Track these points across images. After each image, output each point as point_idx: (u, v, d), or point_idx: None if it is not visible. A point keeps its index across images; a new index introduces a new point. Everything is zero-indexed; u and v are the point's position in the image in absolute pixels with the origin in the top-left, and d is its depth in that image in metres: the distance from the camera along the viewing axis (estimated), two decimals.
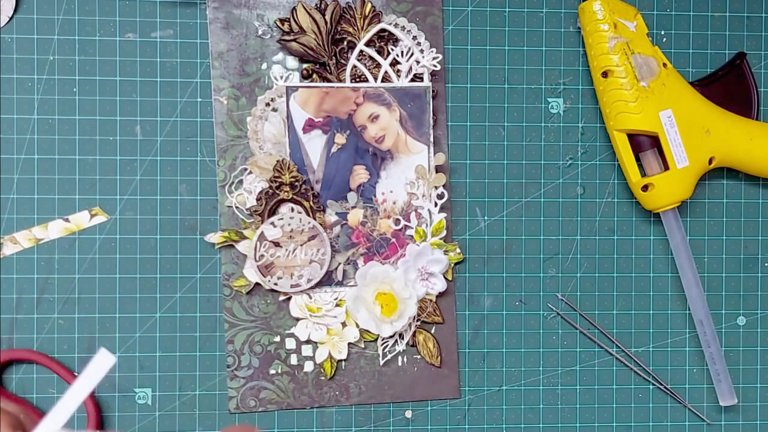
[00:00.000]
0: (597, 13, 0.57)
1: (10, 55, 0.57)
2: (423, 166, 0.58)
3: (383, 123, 0.58)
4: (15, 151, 0.57)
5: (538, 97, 0.61)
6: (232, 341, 0.58)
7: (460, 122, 0.60)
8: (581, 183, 0.61)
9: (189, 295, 0.58)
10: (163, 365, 0.58)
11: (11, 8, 0.56)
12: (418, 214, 0.59)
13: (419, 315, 0.59)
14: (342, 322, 0.58)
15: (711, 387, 0.61)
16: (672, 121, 0.57)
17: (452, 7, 0.60)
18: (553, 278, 0.61)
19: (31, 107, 0.57)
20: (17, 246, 0.57)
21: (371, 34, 0.57)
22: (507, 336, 0.60)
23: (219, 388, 0.58)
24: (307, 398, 0.59)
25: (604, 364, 0.61)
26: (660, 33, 0.62)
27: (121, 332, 0.57)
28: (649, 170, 0.59)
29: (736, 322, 0.62)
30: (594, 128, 0.61)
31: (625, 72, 0.57)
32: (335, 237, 0.58)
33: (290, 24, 0.57)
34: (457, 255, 0.59)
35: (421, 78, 0.58)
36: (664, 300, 0.62)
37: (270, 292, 0.58)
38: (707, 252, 0.62)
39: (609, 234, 0.61)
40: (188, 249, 0.58)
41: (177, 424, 0.58)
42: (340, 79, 0.58)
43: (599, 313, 0.61)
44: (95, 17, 0.57)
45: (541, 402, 0.61)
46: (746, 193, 0.62)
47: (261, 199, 0.57)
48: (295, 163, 0.57)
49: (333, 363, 0.58)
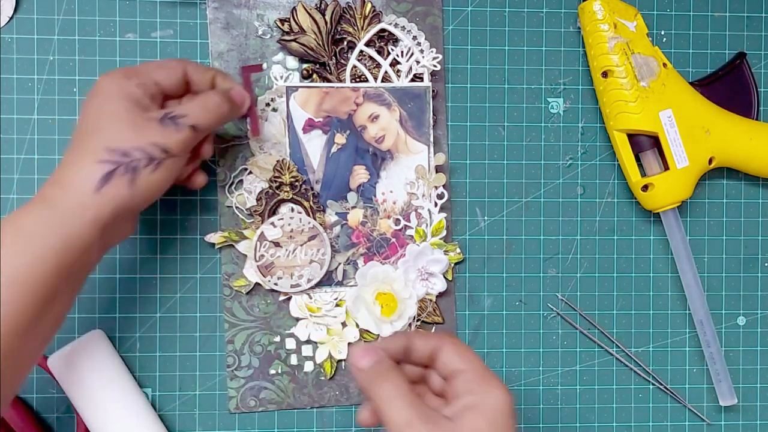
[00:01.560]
0: (597, 13, 0.57)
1: (10, 55, 0.57)
2: (423, 166, 0.58)
3: (383, 123, 0.58)
4: (15, 151, 0.57)
5: (538, 97, 0.61)
6: (232, 341, 0.58)
7: (460, 122, 0.60)
8: (581, 183, 0.61)
9: (189, 295, 0.58)
10: (163, 365, 0.58)
11: (11, 8, 0.56)
12: (418, 214, 0.59)
13: (419, 315, 0.59)
14: (342, 322, 0.58)
15: (711, 387, 0.61)
16: (672, 121, 0.57)
17: (452, 7, 0.60)
18: (553, 278, 0.61)
19: (31, 107, 0.57)
20: None
21: (371, 34, 0.57)
22: (507, 336, 0.60)
23: (219, 388, 0.58)
24: (307, 398, 0.59)
25: (604, 364, 0.61)
26: (660, 33, 0.62)
27: (121, 332, 0.57)
28: (649, 170, 0.59)
29: (736, 322, 0.62)
30: (594, 128, 0.61)
31: (625, 72, 0.57)
32: (335, 237, 0.58)
33: (290, 24, 0.57)
34: (457, 255, 0.59)
35: (421, 78, 0.58)
36: (664, 300, 0.62)
37: (270, 292, 0.58)
38: (707, 252, 0.62)
39: (609, 234, 0.61)
40: (188, 249, 0.58)
41: (177, 424, 0.58)
42: (340, 79, 0.58)
43: (599, 313, 0.61)
44: (95, 17, 0.57)
45: (541, 402, 0.61)
46: (746, 193, 0.62)
47: (261, 199, 0.57)
48: (295, 163, 0.57)
49: (333, 363, 0.58)
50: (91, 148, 0.45)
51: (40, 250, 0.43)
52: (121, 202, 0.45)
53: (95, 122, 0.46)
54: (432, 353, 0.45)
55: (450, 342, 0.45)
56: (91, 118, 0.46)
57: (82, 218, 0.44)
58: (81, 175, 0.44)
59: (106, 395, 0.54)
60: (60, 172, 0.45)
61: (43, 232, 0.43)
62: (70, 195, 0.44)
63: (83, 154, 0.45)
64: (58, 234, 0.43)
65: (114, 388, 0.54)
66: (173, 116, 0.47)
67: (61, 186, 0.44)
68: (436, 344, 0.45)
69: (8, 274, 0.42)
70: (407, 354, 0.46)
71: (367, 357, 0.44)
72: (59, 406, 0.57)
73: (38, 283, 0.43)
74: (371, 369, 0.44)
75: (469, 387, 0.43)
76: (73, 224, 0.44)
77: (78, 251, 0.44)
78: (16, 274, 0.42)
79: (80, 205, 0.44)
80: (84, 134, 0.46)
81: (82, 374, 0.53)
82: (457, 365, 0.44)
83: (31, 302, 0.43)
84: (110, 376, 0.54)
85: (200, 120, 0.49)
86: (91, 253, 0.46)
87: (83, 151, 0.45)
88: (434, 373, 0.47)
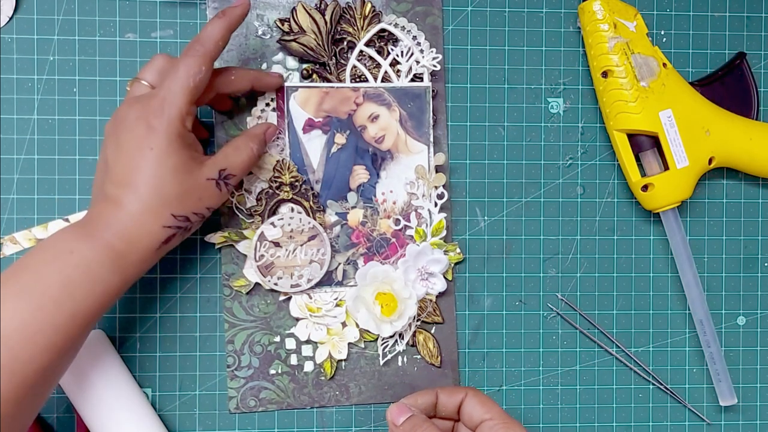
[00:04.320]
0: (597, 13, 0.57)
1: (10, 55, 0.57)
2: (423, 166, 0.58)
3: (383, 123, 0.58)
4: (15, 151, 0.57)
5: (538, 97, 0.61)
6: (232, 341, 0.58)
7: (460, 122, 0.60)
8: (581, 183, 0.61)
9: (189, 295, 0.58)
10: (163, 365, 0.58)
11: (11, 8, 0.56)
12: (418, 214, 0.59)
13: (419, 315, 0.59)
14: (342, 322, 0.58)
15: (711, 387, 0.61)
16: (672, 121, 0.57)
17: (452, 7, 0.60)
18: (553, 278, 0.61)
19: (31, 107, 0.57)
20: (17, 246, 0.57)
21: (371, 34, 0.57)
22: (507, 336, 0.60)
23: (219, 388, 0.58)
24: (307, 398, 0.59)
25: (604, 364, 0.61)
26: (660, 33, 0.62)
27: (121, 332, 0.57)
28: (649, 170, 0.59)
29: (736, 322, 0.62)
30: (594, 128, 0.61)
31: (625, 72, 0.57)
32: (335, 237, 0.58)
33: (290, 24, 0.57)
34: (457, 255, 0.59)
35: (421, 78, 0.58)
36: (664, 300, 0.62)
37: (270, 292, 0.58)
38: (707, 252, 0.62)
39: (609, 234, 0.61)
40: (188, 249, 0.58)
41: (177, 424, 0.58)
42: (340, 79, 0.58)
43: (599, 313, 0.61)
44: (95, 17, 0.57)
45: (541, 402, 0.61)
46: (746, 193, 0.62)
47: (261, 199, 0.57)
48: (295, 163, 0.57)
49: (333, 363, 0.58)
50: (156, 209, 0.48)
51: (102, 291, 0.46)
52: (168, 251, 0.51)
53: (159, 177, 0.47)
54: (457, 406, 0.52)
55: (472, 394, 0.52)
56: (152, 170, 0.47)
57: (139, 268, 0.49)
58: (147, 237, 0.48)
59: (106, 395, 0.54)
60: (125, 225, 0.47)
61: (107, 277, 0.47)
62: (136, 251, 0.48)
63: (149, 215, 0.48)
64: (119, 279, 0.47)
65: (114, 388, 0.54)
66: (226, 177, 0.51)
67: (128, 242, 0.47)
68: (459, 397, 0.52)
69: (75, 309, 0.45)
70: (436, 409, 0.53)
71: (403, 414, 0.50)
72: (59, 406, 0.57)
73: (95, 318, 0.47)
74: (407, 423, 0.50)
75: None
76: (132, 271, 0.48)
77: (125, 290, 0.49)
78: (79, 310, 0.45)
79: (141, 260, 0.48)
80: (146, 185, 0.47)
81: (82, 374, 0.53)
82: (482, 415, 0.50)
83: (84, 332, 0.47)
84: (110, 376, 0.54)
85: (240, 177, 0.53)
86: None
87: (149, 208, 0.48)
88: (462, 426, 0.53)
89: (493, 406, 0.51)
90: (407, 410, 0.51)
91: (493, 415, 0.50)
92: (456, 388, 0.53)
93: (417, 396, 0.53)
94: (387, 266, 0.58)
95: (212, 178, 0.50)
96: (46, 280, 0.44)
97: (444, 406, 0.53)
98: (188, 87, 0.48)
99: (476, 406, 0.51)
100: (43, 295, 0.44)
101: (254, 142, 0.53)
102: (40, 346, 0.44)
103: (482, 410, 0.51)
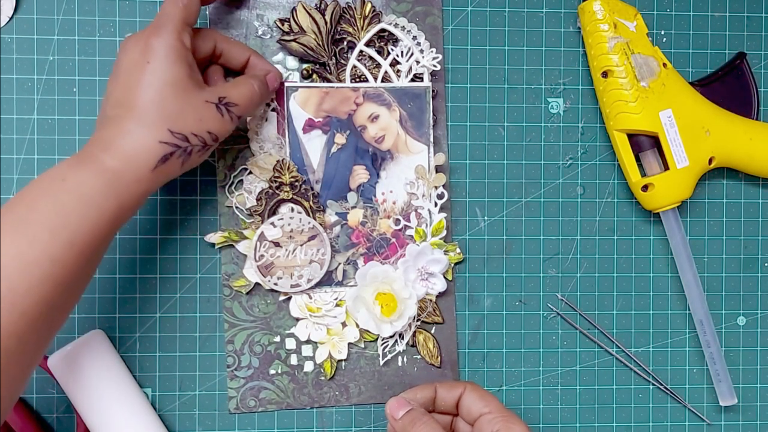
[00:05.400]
0: (597, 13, 0.57)
1: (10, 55, 0.57)
2: (423, 166, 0.58)
3: (383, 123, 0.58)
4: (15, 151, 0.57)
5: (538, 97, 0.61)
6: (232, 341, 0.58)
7: (460, 122, 0.60)
8: (581, 183, 0.61)
9: (189, 295, 0.58)
10: (163, 365, 0.58)
11: (11, 8, 0.56)
12: (418, 214, 0.59)
13: (419, 315, 0.59)
14: (342, 322, 0.58)
15: (711, 387, 0.61)
16: (672, 121, 0.57)
17: (452, 7, 0.60)
18: (553, 278, 0.61)
19: (31, 107, 0.57)
20: None
21: (371, 34, 0.57)
22: (507, 336, 0.60)
23: (219, 388, 0.58)
24: (307, 398, 0.59)
25: (604, 364, 0.61)
26: (660, 33, 0.62)
27: (121, 332, 0.57)
28: (649, 170, 0.59)
29: (736, 322, 0.62)
30: (594, 128, 0.61)
31: (625, 72, 0.57)
32: (335, 237, 0.58)
33: (290, 24, 0.57)
34: (457, 255, 0.59)
35: (421, 78, 0.58)
36: (664, 300, 0.62)
37: (270, 292, 0.58)
38: (707, 252, 0.62)
39: (609, 234, 0.61)
40: (188, 249, 0.58)
41: (177, 424, 0.58)
42: (340, 79, 0.58)
43: (599, 313, 0.61)
44: (95, 17, 0.57)
45: (541, 402, 0.61)
46: (746, 193, 0.62)
47: (261, 199, 0.57)
48: (295, 163, 0.57)
49: (333, 363, 0.58)
50: (153, 123, 0.47)
51: (98, 216, 0.45)
52: (168, 179, 0.49)
53: (156, 90, 0.47)
54: (456, 400, 0.52)
55: (471, 388, 0.52)
56: (149, 83, 0.47)
57: (136, 192, 0.47)
58: (143, 153, 0.47)
59: (106, 395, 0.54)
60: (119, 142, 0.46)
61: (102, 201, 0.45)
62: (130, 169, 0.46)
63: (145, 128, 0.47)
64: (114, 203, 0.46)
65: (114, 388, 0.54)
66: (227, 104, 0.50)
67: (121, 159, 0.46)
68: (458, 391, 0.52)
69: (71, 237, 0.44)
70: (434, 403, 0.53)
71: (402, 408, 0.51)
72: (59, 406, 0.57)
73: (93, 247, 0.45)
74: (405, 416, 0.50)
75: (493, 426, 0.50)
76: (128, 195, 0.47)
77: (124, 219, 0.47)
78: (75, 238, 0.44)
79: (137, 180, 0.47)
80: (143, 99, 0.47)
81: (82, 374, 0.53)
82: (480, 408, 0.51)
83: (84, 264, 0.45)
84: (110, 376, 0.54)
85: (243, 110, 0.51)
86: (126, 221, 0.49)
87: (145, 123, 0.47)
88: (460, 420, 0.53)
89: (491, 399, 0.51)
90: (406, 404, 0.51)
91: (491, 409, 0.51)
92: (455, 383, 0.54)
93: (416, 390, 0.53)
94: (387, 266, 0.58)
95: (211, 101, 0.49)
96: (41, 209, 0.43)
97: (443, 401, 0.53)
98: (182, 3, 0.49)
99: (475, 400, 0.52)
100: (38, 224, 0.43)
101: (255, 79, 0.53)
102: (37, 277, 0.42)
103: (481, 404, 0.51)
